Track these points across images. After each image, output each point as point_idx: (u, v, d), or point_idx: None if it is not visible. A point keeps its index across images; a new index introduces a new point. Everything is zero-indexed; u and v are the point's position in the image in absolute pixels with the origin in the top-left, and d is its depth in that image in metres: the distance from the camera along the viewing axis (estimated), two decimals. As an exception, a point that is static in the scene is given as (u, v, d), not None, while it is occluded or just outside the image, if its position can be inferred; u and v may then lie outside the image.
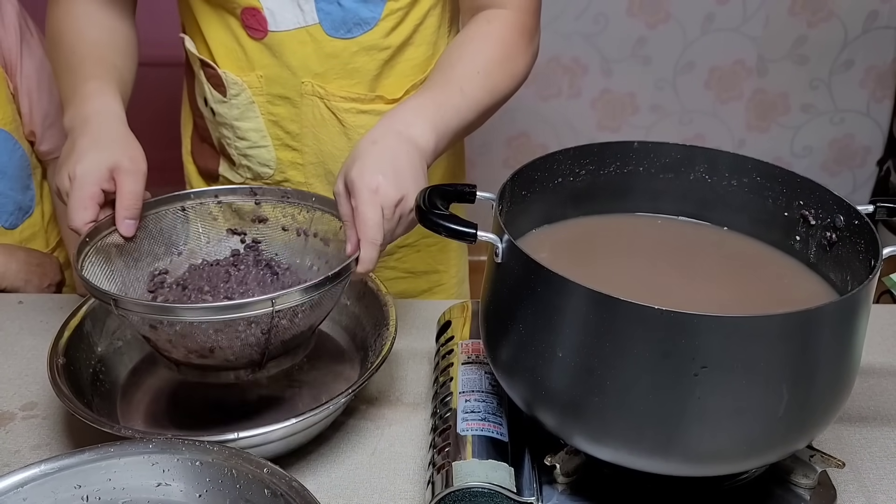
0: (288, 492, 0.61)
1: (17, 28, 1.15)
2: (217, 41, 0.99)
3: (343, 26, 0.95)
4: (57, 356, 0.79)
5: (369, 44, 0.97)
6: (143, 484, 0.65)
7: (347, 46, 0.97)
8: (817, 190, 0.72)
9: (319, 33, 0.95)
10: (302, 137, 1.02)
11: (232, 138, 1.05)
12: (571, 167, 0.77)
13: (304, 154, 1.04)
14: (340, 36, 0.96)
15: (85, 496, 0.64)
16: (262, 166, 1.05)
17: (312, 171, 1.05)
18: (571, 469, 0.67)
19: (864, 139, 2.46)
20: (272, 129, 1.03)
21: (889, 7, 2.24)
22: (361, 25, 0.96)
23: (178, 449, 0.65)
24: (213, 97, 1.02)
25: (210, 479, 0.64)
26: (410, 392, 0.87)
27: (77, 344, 0.82)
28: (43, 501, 0.63)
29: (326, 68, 0.98)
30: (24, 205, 1.17)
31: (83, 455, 0.65)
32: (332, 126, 1.01)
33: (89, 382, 0.81)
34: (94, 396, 0.80)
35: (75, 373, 0.80)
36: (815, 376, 0.59)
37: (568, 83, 2.35)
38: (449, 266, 1.19)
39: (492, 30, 0.91)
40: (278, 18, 0.95)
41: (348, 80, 0.99)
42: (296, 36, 0.96)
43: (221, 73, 0.99)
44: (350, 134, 1.01)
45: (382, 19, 0.96)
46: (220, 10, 0.97)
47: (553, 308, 0.60)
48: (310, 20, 0.95)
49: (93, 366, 0.83)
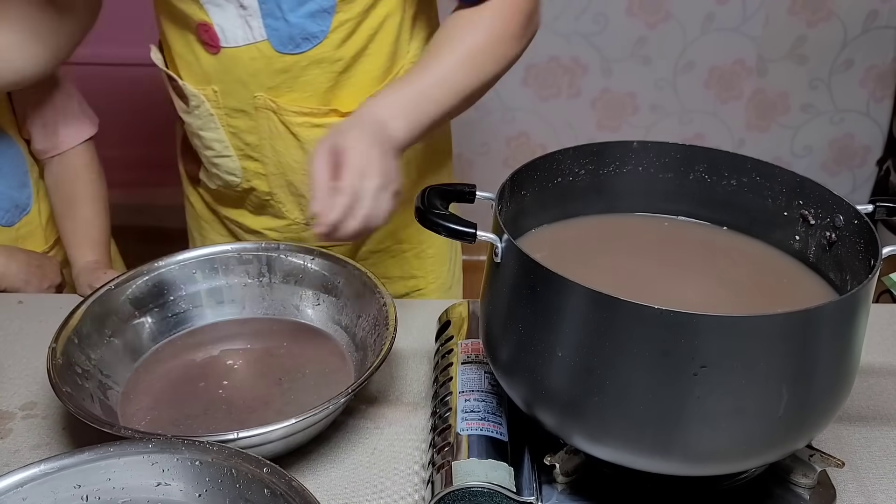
0: (288, 491, 0.61)
1: None
2: (178, 54, 1.01)
3: (291, 42, 0.95)
4: (56, 356, 0.79)
5: (319, 57, 0.96)
6: (143, 484, 0.65)
7: (297, 61, 0.96)
8: (817, 190, 0.72)
9: (268, 49, 0.95)
10: (261, 149, 1.03)
11: (200, 147, 1.07)
12: (571, 167, 0.77)
13: (265, 165, 1.05)
14: (289, 51, 0.95)
15: (84, 496, 0.64)
16: (229, 175, 1.07)
17: (275, 181, 1.06)
18: (571, 469, 0.67)
19: (864, 139, 2.46)
20: (233, 140, 1.04)
21: (889, 7, 2.24)
22: (310, 40, 0.95)
23: (178, 449, 0.65)
24: (179, 107, 1.04)
25: (210, 479, 0.64)
26: (410, 392, 0.87)
27: (76, 344, 0.82)
28: (43, 501, 0.63)
29: (278, 83, 0.98)
30: (21, 202, 1.17)
31: (83, 455, 0.65)
32: (288, 139, 1.01)
33: (89, 382, 0.81)
34: (94, 396, 0.80)
35: (74, 373, 0.80)
36: (815, 376, 0.59)
37: (568, 83, 2.35)
38: (426, 273, 1.19)
39: (483, 11, 0.89)
40: (228, 35, 0.95)
41: (300, 93, 0.98)
42: (246, 52, 0.96)
43: (182, 85, 1.01)
44: (305, 147, 1.01)
45: (332, 32, 0.95)
46: (181, 24, 0.98)
47: (552, 308, 0.60)
48: (258, 36, 0.94)
49: (92, 366, 0.83)
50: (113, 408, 0.82)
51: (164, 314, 0.92)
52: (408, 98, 0.86)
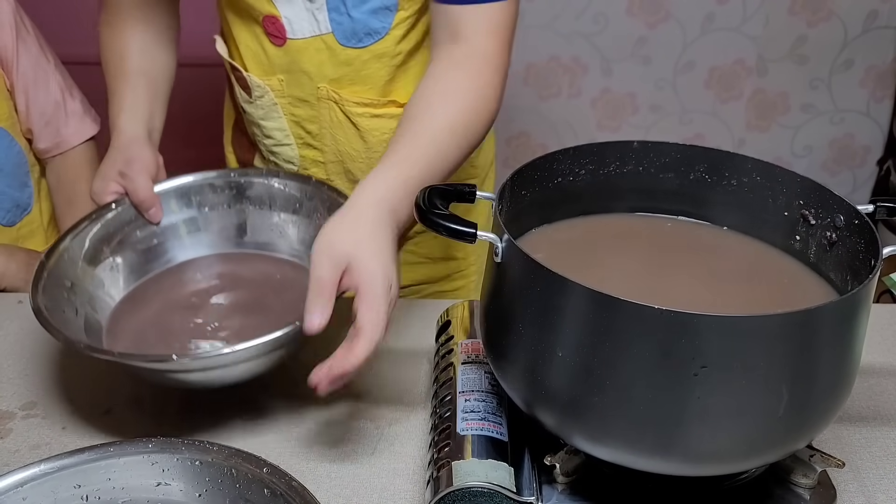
0: (287, 491, 0.61)
1: (13, 25, 1.15)
2: (244, 46, 1.03)
3: (354, 36, 0.98)
4: (43, 270, 0.83)
5: (380, 52, 0.99)
6: (143, 483, 0.65)
7: (359, 55, 0.99)
8: (817, 189, 0.72)
9: (333, 42, 0.98)
10: (321, 137, 1.06)
11: (260, 136, 1.10)
12: (571, 167, 0.77)
13: (324, 153, 1.08)
14: (352, 45, 0.98)
15: (85, 496, 0.64)
16: (286, 163, 1.10)
17: (333, 168, 1.09)
18: (571, 469, 0.67)
19: (864, 139, 2.45)
20: (294, 129, 1.07)
21: (889, 7, 2.24)
22: (372, 35, 0.98)
23: (178, 449, 0.65)
24: (242, 97, 1.07)
25: (210, 479, 0.64)
26: (410, 392, 0.87)
27: (55, 283, 0.84)
28: (43, 501, 0.63)
29: (340, 74, 1.01)
30: (22, 202, 1.17)
31: (83, 455, 0.65)
32: (348, 128, 1.04)
33: (73, 321, 0.83)
34: (79, 311, 0.85)
35: (59, 314, 0.81)
36: (815, 376, 0.59)
37: (568, 83, 2.35)
38: (468, 254, 1.21)
39: (460, 76, 0.85)
40: (295, 27, 0.98)
41: (361, 85, 1.01)
42: (312, 44, 0.99)
43: (247, 76, 1.04)
44: (365, 137, 1.04)
45: (393, 28, 0.97)
46: (247, 17, 1.01)
47: (553, 308, 0.60)
48: (324, 29, 0.97)
49: (76, 302, 0.86)
50: (100, 322, 0.85)
51: (141, 248, 0.95)
52: (412, 178, 0.78)
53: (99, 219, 0.92)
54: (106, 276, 0.91)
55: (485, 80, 0.86)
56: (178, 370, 0.75)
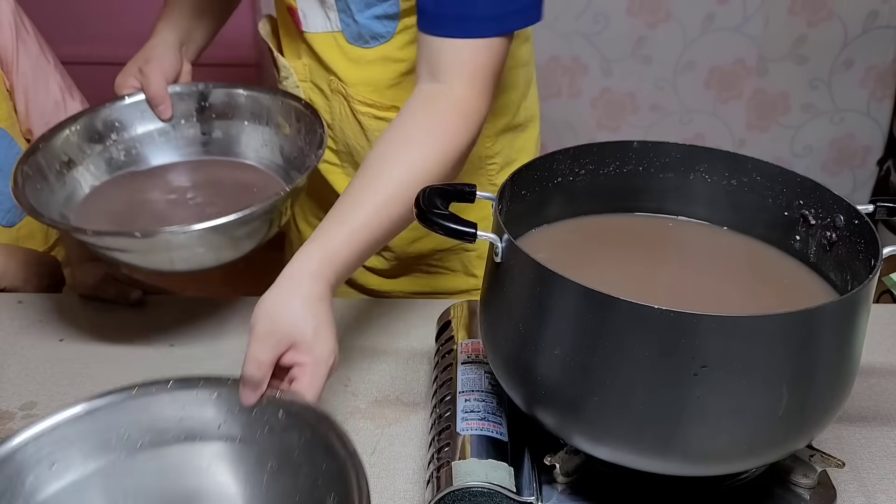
0: (302, 409, 0.68)
1: (12, 26, 1.15)
2: (282, 28, 1.09)
3: (360, 38, 0.99)
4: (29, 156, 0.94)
5: (385, 55, 1.00)
6: (167, 422, 0.70)
7: (365, 54, 1.01)
8: (817, 189, 0.72)
9: (342, 40, 1.00)
10: (333, 128, 1.09)
11: None
12: (571, 167, 0.77)
13: (336, 142, 1.10)
14: (359, 45, 1.00)
15: (120, 437, 0.69)
16: None
17: (344, 158, 1.11)
18: (571, 469, 0.67)
19: (864, 139, 2.46)
20: None
21: (889, 7, 2.24)
22: (377, 38, 0.99)
23: (196, 384, 0.71)
24: (273, 77, 1.12)
25: (228, 409, 0.71)
26: (410, 392, 0.87)
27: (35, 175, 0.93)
28: (79, 442, 0.68)
29: (349, 72, 1.02)
30: (23, 203, 1.17)
31: (111, 397, 0.70)
32: (354, 124, 1.06)
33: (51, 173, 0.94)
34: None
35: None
36: (815, 376, 0.59)
37: (568, 83, 2.35)
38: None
39: (425, 121, 0.83)
40: (309, 21, 1.01)
41: (366, 85, 1.03)
42: (324, 38, 1.01)
43: (276, 56, 1.08)
44: (368, 135, 1.06)
45: (398, 33, 0.98)
46: (279, 2, 1.06)
47: (552, 307, 0.60)
48: (335, 27, 1.00)
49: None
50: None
51: (109, 154, 1.02)
52: (350, 248, 0.76)
53: (112, 105, 1.02)
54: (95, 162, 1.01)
55: (451, 128, 0.82)
56: (142, 249, 0.82)
